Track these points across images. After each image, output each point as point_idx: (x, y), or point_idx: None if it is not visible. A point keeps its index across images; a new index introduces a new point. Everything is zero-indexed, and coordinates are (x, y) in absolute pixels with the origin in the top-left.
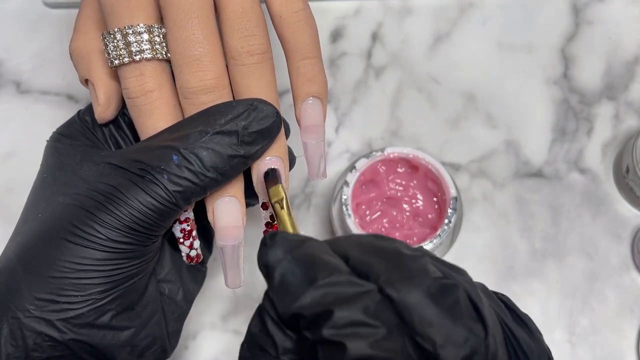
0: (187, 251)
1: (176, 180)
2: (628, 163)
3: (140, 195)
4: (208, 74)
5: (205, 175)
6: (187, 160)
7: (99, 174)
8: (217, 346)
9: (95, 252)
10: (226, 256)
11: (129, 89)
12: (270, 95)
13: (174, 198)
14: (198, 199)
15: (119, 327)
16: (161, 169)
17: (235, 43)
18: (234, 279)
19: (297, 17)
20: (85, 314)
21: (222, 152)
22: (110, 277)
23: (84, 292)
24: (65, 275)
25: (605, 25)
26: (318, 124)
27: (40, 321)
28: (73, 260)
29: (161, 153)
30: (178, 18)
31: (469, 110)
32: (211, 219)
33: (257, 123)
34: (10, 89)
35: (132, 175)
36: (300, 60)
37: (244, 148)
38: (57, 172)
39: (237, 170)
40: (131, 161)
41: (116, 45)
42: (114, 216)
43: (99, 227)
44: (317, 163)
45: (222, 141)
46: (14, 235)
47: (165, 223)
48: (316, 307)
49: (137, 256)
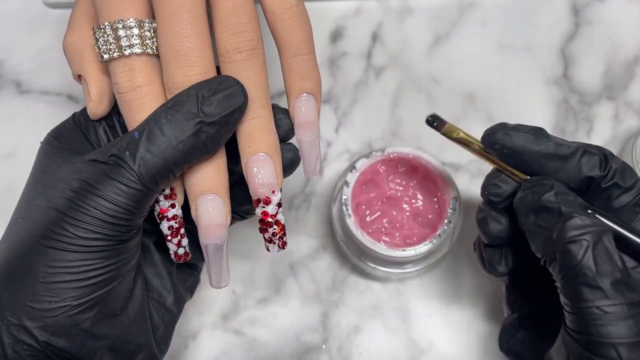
0: (175, 249)
1: (137, 155)
2: (628, 163)
3: (107, 182)
4: (194, 70)
5: (166, 145)
6: (150, 133)
7: (72, 171)
8: (217, 346)
9: (66, 253)
10: (209, 255)
11: (118, 84)
12: (258, 92)
13: (137, 175)
14: (166, 178)
15: (100, 334)
16: (124, 147)
17: (225, 39)
18: (218, 278)
19: (290, 14)
20: (62, 320)
21: (181, 120)
22: (84, 280)
23: (59, 297)
24: (40, 280)
25: (605, 25)
26: (312, 121)
27: (18, 328)
28: (47, 264)
29: (126, 135)
30: (169, 12)
31: (469, 110)
32: (194, 216)
33: (217, 91)
34: (10, 89)
35: (102, 164)
36: (293, 56)
37: (204, 112)
38: (40, 175)
39: (203, 143)
40: (102, 153)
41: (106, 39)
42: (83, 211)
43: (69, 227)
44: (312, 160)
45: (181, 109)
46: (0, 242)
47: (136, 210)
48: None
49: (112, 255)
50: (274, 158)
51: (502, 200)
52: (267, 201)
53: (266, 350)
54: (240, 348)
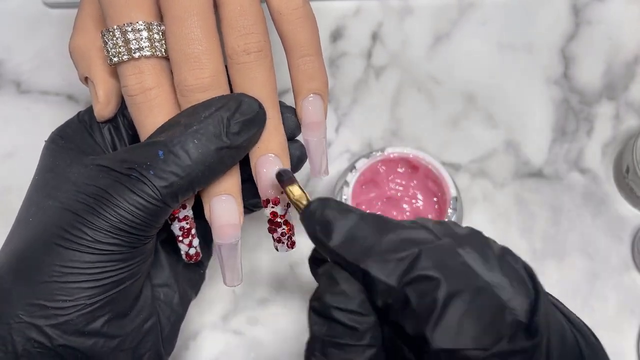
0: (186, 249)
1: (162, 175)
2: (628, 163)
3: (127, 195)
4: (205, 72)
5: (192, 169)
6: (173, 154)
7: (86, 176)
8: (217, 346)
9: (83, 254)
10: (224, 255)
11: (128, 87)
12: (267, 93)
13: (160, 194)
14: (186, 196)
15: (111, 334)
16: (147, 165)
17: (233, 41)
18: (232, 277)
19: (296, 14)
20: (75, 319)
21: (207, 144)
22: (99, 280)
23: (73, 296)
24: (55, 279)
25: (605, 25)
26: (319, 121)
27: (30, 327)
28: (62, 264)
29: (147, 150)
30: (177, 15)
31: (469, 110)
32: (208, 217)
33: (241, 114)
34: (10, 89)
35: (120, 175)
36: (300, 57)
37: (229, 138)
38: (48, 175)
39: (225, 164)
40: (119, 161)
41: (115, 42)
42: (102, 218)
43: (87, 230)
44: (319, 160)
45: (206, 133)
46: (7, 240)
47: (154, 223)
48: (400, 251)
49: (127, 258)
50: (283, 158)
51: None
52: (276, 202)
53: (266, 351)
54: (240, 348)
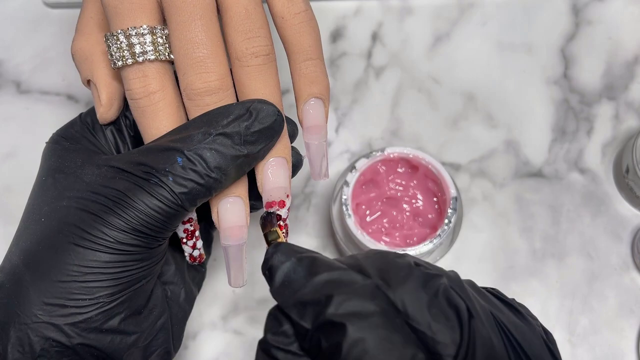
0: (190, 251)
1: (181, 182)
2: (628, 163)
3: (146, 198)
4: (212, 76)
5: (210, 176)
6: (191, 161)
7: (102, 177)
8: (217, 346)
9: (103, 254)
10: (230, 256)
11: (132, 91)
12: (274, 96)
13: (179, 200)
14: (204, 200)
15: (127, 331)
16: (166, 171)
17: (240, 44)
18: (237, 278)
19: (299, 19)
20: (94, 317)
21: (226, 153)
22: (118, 279)
23: (93, 295)
24: (74, 279)
25: (605, 25)
26: (320, 125)
27: (48, 326)
28: (81, 263)
29: (165, 155)
30: (181, 20)
31: (469, 110)
32: (215, 219)
33: (259, 122)
34: (10, 89)
35: (137, 178)
36: (302, 61)
37: (247, 148)
38: (58, 175)
39: (242, 171)
40: (135, 164)
41: (119, 46)
42: (122, 219)
43: (107, 230)
44: (319, 163)
45: (225, 142)
46: (17, 240)
47: (172, 225)
48: (316, 294)
49: (145, 258)
50: (288, 162)
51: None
52: (282, 204)
53: None
54: (240, 348)
